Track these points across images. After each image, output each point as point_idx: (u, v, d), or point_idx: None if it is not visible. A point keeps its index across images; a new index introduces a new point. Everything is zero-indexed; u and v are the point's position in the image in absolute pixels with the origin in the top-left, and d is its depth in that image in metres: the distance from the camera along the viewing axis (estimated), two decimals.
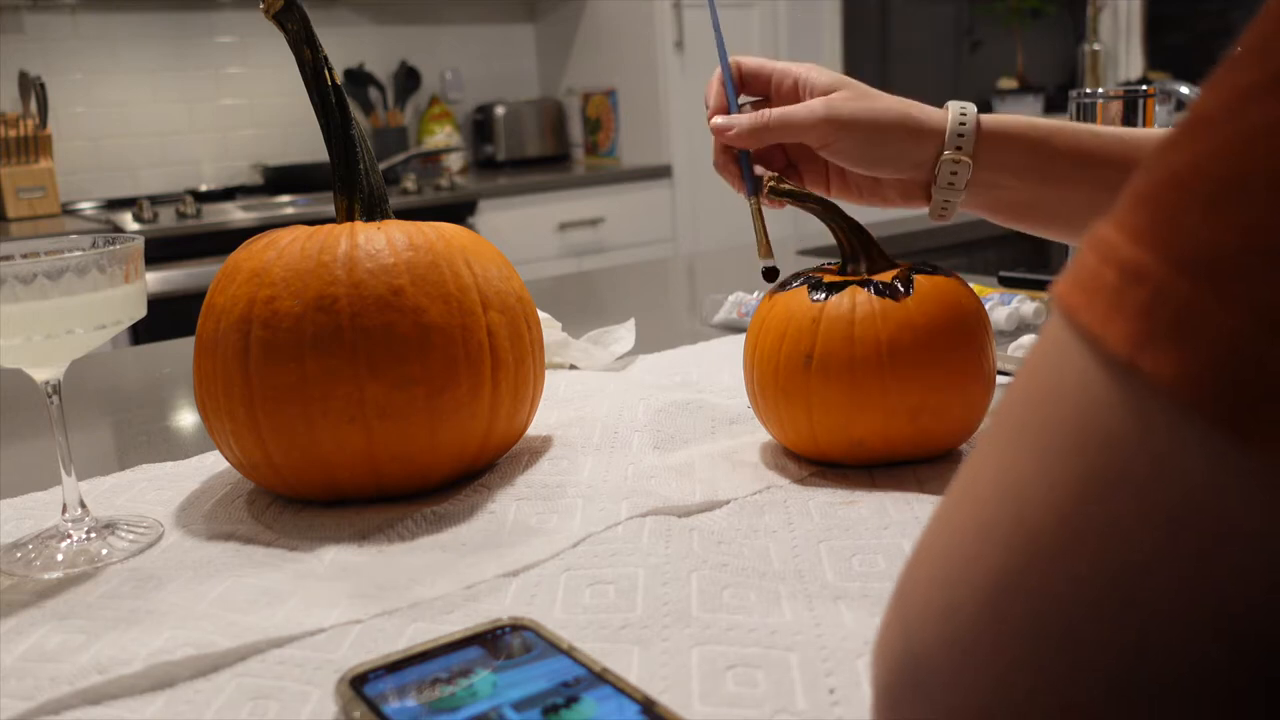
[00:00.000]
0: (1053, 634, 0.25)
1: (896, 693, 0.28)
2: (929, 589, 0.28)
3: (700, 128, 3.20)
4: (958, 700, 0.27)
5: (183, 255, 2.37)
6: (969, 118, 0.67)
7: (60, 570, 0.56)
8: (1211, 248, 0.22)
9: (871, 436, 0.62)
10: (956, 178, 0.68)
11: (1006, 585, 0.26)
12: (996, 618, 0.26)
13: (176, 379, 1.03)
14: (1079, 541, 0.24)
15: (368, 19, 3.27)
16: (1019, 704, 0.26)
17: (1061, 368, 0.25)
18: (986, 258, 1.76)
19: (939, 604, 0.27)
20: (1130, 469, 0.23)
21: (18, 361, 0.58)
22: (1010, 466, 0.26)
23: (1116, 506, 0.24)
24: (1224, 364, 0.21)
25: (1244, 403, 0.21)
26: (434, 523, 0.60)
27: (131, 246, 0.59)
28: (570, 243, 2.99)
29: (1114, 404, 0.24)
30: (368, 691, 0.41)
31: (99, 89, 2.89)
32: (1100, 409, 0.24)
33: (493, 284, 0.64)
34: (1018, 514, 0.26)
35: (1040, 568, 0.25)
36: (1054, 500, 0.25)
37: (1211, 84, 0.24)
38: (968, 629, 0.26)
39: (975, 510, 0.27)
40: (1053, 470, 0.25)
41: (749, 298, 1.09)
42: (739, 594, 0.49)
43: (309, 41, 0.65)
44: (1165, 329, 0.22)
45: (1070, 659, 0.25)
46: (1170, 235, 0.22)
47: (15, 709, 0.43)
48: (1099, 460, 0.24)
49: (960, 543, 0.27)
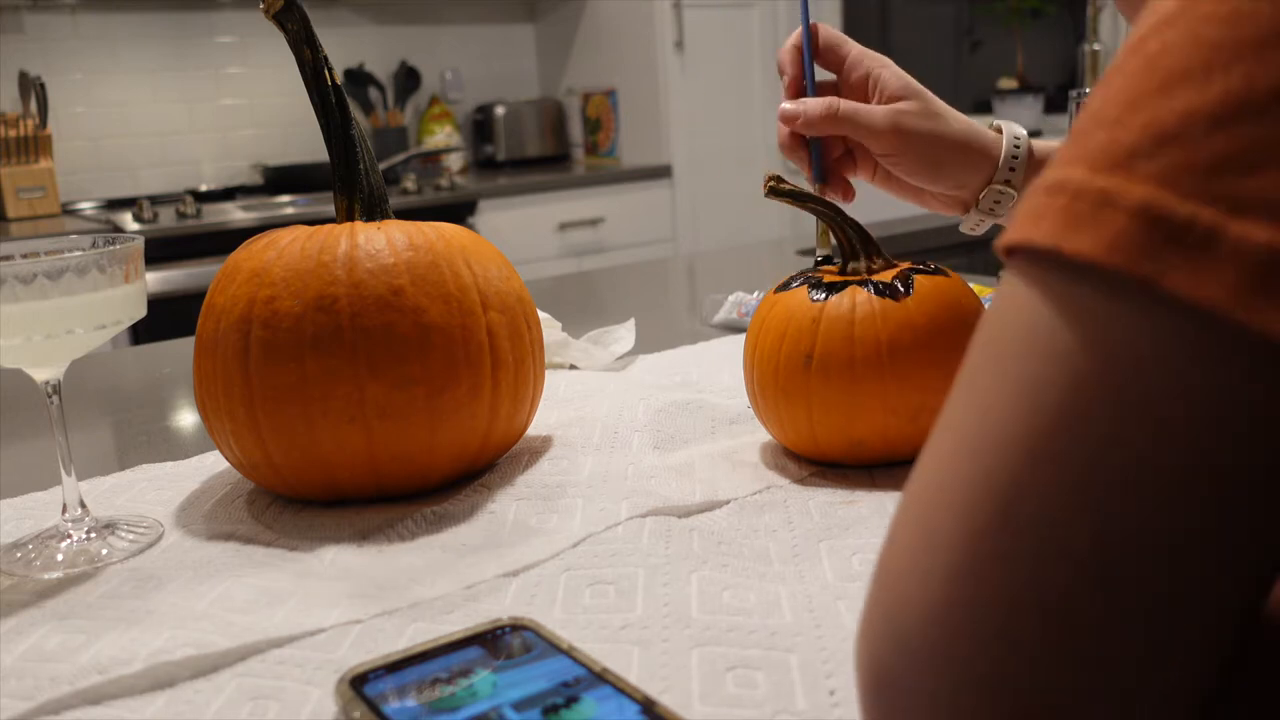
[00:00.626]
0: (1032, 546, 0.25)
1: (883, 670, 0.28)
2: (907, 556, 0.28)
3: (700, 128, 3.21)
4: (942, 663, 0.26)
5: (183, 255, 2.37)
6: (1022, 149, 0.70)
7: (60, 570, 0.56)
8: (1118, 147, 0.25)
9: (871, 436, 0.62)
10: (999, 206, 0.72)
11: (982, 502, 0.26)
12: (975, 542, 0.26)
13: (176, 379, 1.03)
14: (1044, 437, 0.25)
15: (368, 19, 3.27)
16: (1001, 663, 0.26)
17: (1002, 296, 0.27)
18: (986, 258, 1.76)
19: (920, 550, 0.28)
20: (1073, 352, 0.25)
21: (18, 361, 0.58)
22: (969, 399, 0.28)
23: (1071, 391, 0.25)
24: (1136, 228, 0.24)
25: (1156, 252, 0.23)
26: (434, 523, 0.60)
27: (131, 246, 0.59)
28: (570, 243, 2.99)
29: (1046, 297, 0.26)
30: (368, 691, 0.41)
31: (99, 89, 2.89)
32: (1034, 306, 0.26)
33: (493, 284, 0.64)
34: (983, 430, 0.26)
35: (1012, 476, 0.26)
36: (1011, 405, 0.26)
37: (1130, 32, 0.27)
38: (948, 561, 0.27)
39: (940, 465, 0.28)
40: (1006, 380, 0.26)
41: (749, 298, 1.09)
42: (739, 595, 0.49)
43: (309, 41, 0.65)
44: (1085, 216, 0.25)
45: (1052, 568, 0.25)
46: (1083, 151, 0.26)
47: (15, 709, 0.43)
48: (1045, 354, 0.25)
49: (934, 484, 0.28)
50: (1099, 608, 0.25)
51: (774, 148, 3.34)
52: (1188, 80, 0.24)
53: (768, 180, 0.68)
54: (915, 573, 0.27)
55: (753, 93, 3.32)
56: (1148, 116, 0.24)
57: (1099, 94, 0.27)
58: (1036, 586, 0.25)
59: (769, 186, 0.67)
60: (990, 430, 0.26)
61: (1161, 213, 0.23)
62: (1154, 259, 0.23)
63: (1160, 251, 0.23)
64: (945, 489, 0.27)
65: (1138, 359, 0.24)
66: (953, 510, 0.27)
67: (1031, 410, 0.25)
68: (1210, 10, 0.24)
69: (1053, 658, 0.25)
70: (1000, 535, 0.26)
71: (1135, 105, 0.25)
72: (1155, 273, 0.23)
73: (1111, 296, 0.24)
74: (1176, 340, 0.24)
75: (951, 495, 0.27)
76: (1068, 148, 0.26)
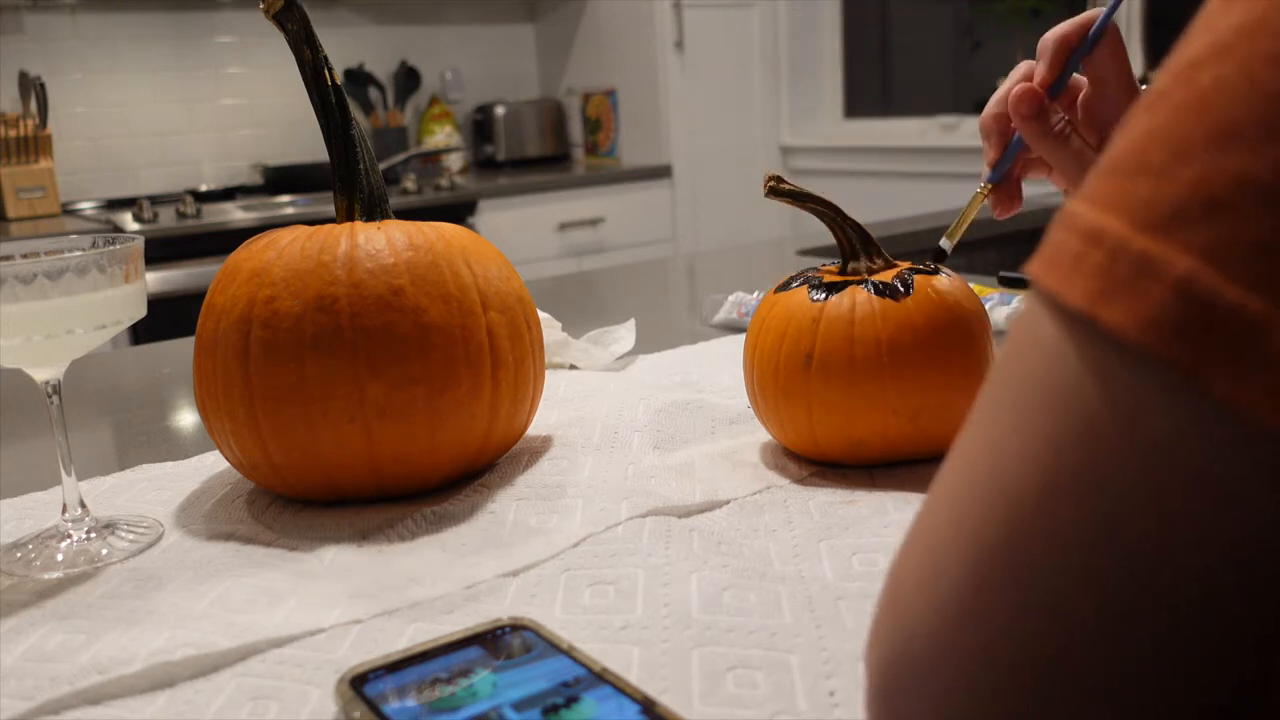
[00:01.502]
0: (1035, 597, 0.25)
1: (891, 676, 0.28)
2: (918, 565, 0.28)
3: (700, 128, 3.21)
4: (949, 673, 0.27)
5: (183, 255, 2.37)
6: None
7: (60, 570, 0.56)
8: (1163, 205, 0.23)
9: (871, 436, 0.62)
10: None
11: (989, 546, 0.26)
12: (980, 584, 0.26)
13: (176, 379, 1.03)
14: (1055, 498, 0.25)
15: (368, 19, 3.27)
16: (1004, 673, 0.26)
17: (1031, 332, 0.26)
18: (986, 258, 1.76)
19: (927, 576, 0.28)
20: (1097, 422, 0.24)
21: (18, 361, 0.58)
22: (988, 434, 0.27)
23: (1088, 460, 0.24)
24: (1176, 306, 0.22)
25: (1196, 340, 0.22)
26: (434, 523, 0.60)
27: (131, 246, 0.59)
28: (570, 243, 2.99)
29: (1077, 358, 0.25)
30: (368, 691, 0.41)
31: (99, 89, 2.89)
32: (1064, 363, 0.25)
33: (493, 284, 0.64)
34: (997, 475, 0.26)
35: (1020, 528, 0.25)
36: (1029, 458, 0.25)
37: (1166, 63, 0.25)
38: (952, 596, 0.27)
39: (957, 480, 0.28)
40: (1026, 429, 0.26)
41: (749, 298, 1.09)
42: (739, 595, 0.49)
43: (309, 41, 0.65)
44: (1122, 281, 0.23)
45: (1053, 622, 0.25)
46: (1125, 199, 0.24)
47: (15, 709, 0.43)
48: (1067, 415, 0.25)
49: (945, 514, 0.28)
50: (1096, 671, 0.25)
51: (774, 148, 3.35)
52: (1242, 136, 0.22)
53: (768, 180, 0.68)
54: (921, 595, 0.28)
55: (753, 93, 3.32)
56: (1197, 172, 0.23)
57: (1143, 120, 0.25)
58: (1036, 641, 0.25)
59: (769, 186, 0.67)
60: (1004, 477, 0.26)
61: (1206, 294, 0.22)
62: (1194, 347, 0.22)
63: (1201, 339, 0.22)
64: (955, 526, 0.27)
65: (1162, 440, 0.23)
66: (960, 552, 0.27)
67: (1047, 469, 0.25)
68: (1270, 50, 0.22)
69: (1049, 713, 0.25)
70: (1003, 588, 0.26)
71: (1183, 154, 0.23)
72: (1194, 363, 0.22)
73: (1142, 371, 0.23)
74: (1206, 431, 0.23)
75: (959, 535, 0.27)
76: (1106, 182, 0.25)
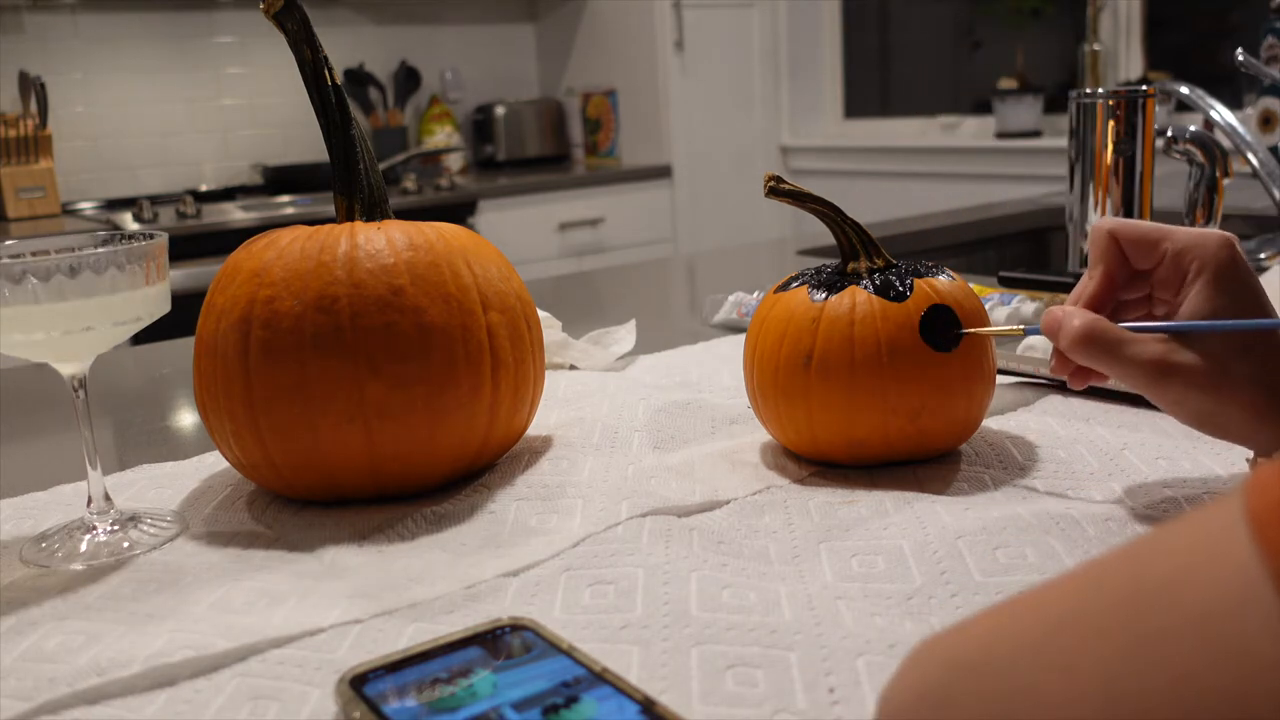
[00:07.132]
0: None
1: None
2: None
3: (700, 128, 3.21)
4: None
5: (183, 255, 2.37)
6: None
7: (82, 562, 0.57)
8: None
9: (871, 436, 0.62)
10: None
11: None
12: None
13: (176, 379, 1.03)
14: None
15: (368, 19, 3.27)
16: None
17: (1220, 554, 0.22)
18: (986, 258, 1.76)
19: None
20: None
21: (44, 356, 0.59)
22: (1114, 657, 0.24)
23: None
24: None
25: None
26: (434, 523, 0.60)
27: (155, 244, 0.60)
28: (570, 243, 2.99)
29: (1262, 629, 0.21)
30: (368, 691, 0.41)
31: (99, 89, 2.89)
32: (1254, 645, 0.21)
33: (493, 284, 0.64)
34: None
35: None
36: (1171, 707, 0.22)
37: None
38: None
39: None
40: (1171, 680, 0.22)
41: (749, 298, 1.09)
42: (739, 594, 0.49)
43: (309, 41, 0.65)
44: None
45: None
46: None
47: (14, 709, 0.43)
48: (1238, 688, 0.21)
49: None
50: None
51: (774, 148, 3.35)
52: None
53: (768, 180, 0.68)
54: None
55: (753, 93, 3.32)
56: None
57: None
58: None
59: (769, 186, 0.67)
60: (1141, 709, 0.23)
61: None
62: None
63: None
64: None
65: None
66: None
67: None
68: None
69: None
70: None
71: None
72: None
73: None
74: None
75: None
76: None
